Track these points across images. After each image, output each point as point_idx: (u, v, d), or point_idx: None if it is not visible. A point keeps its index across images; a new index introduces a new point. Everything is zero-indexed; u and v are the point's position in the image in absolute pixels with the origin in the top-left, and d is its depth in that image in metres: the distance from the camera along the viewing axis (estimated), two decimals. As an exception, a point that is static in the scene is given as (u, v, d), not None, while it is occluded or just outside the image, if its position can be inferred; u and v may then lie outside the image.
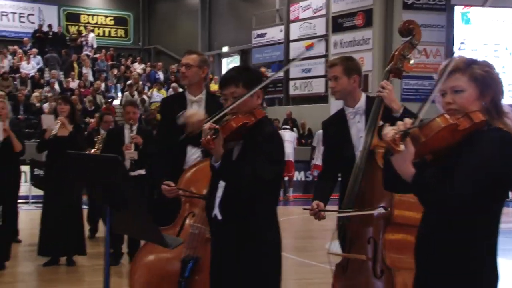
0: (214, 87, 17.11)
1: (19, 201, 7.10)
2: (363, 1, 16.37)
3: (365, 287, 3.20)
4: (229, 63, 21.68)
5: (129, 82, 17.90)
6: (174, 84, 17.77)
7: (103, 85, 18.44)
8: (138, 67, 20.42)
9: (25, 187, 10.49)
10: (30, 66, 18.60)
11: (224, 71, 20.62)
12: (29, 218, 9.31)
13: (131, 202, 2.19)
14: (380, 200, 3.11)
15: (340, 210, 3.38)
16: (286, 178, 13.73)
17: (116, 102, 17.87)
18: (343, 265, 3.40)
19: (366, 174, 3.24)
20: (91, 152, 7.24)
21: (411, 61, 3.44)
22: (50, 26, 21.17)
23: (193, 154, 3.85)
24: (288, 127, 15.71)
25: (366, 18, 16.30)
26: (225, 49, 21.46)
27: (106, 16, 24.07)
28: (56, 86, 17.63)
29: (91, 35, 21.38)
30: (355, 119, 3.46)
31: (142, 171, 6.48)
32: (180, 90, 12.26)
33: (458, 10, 15.93)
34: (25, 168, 10.11)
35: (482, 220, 2.15)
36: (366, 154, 3.27)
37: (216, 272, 2.76)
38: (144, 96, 17.25)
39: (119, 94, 18.82)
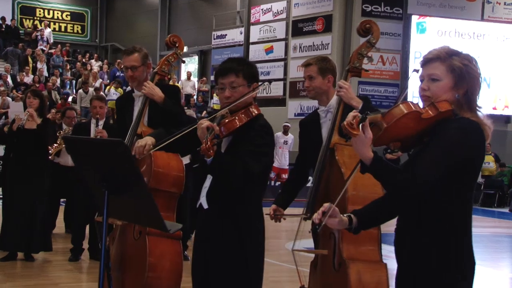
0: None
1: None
2: (323, 6, 16.60)
3: (331, 281, 3.27)
4: (187, 64, 21.55)
5: (80, 79, 17.59)
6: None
7: (58, 80, 18.06)
8: (94, 64, 20.10)
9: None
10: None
11: (182, 71, 20.54)
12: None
13: (135, 185, 2.17)
14: (337, 196, 3.18)
15: (289, 215, 3.53)
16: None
17: (71, 98, 17.53)
18: (315, 263, 3.48)
19: (326, 171, 3.32)
20: (54, 146, 7.11)
21: (371, 60, 3.52)
22: (3, 18, 20.60)
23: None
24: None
25: (326, 24, 16.53)
26: (184, 49, 21.34)
27: (63, 11, 23.61)
28: (9, 80, 17.17)
29: (47, 30, 20.93)
30: (327, 117, 3.52)
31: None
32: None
33: (414, 19, 16.34)
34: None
35: (455, 209, 2.17)
36: (326, 151, 3.34)
37: (201, 261, 2.76)
38: (101, 93, 16.98)
39: (74, 91, 18.48)
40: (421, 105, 2.26)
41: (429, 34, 16.42)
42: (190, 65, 21.07)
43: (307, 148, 3.64)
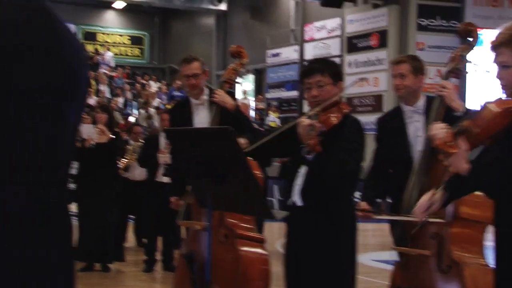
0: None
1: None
2: (378, 22, 16.51)
3: (428, 283, 3.18)
4: (243, 82, 21.76)
5: (140, 99, 18.00)
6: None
7: (120, 102, 18.54)
8: (153, 85, 20.56)
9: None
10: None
11: (238, 90, 20.73)
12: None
13: (241, 172, 2.18)
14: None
15: (388, 215, 3.42)
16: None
17: (132, 119, 17.93)
18: (402, 263, 3.39)
19: (430, 172, 3.25)
20: (124, 161, 7.30)
21: (468, 61, 3.52)
22: (68, 44, 21.32)
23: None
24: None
25: (381, 39, 16.40)
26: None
27: (123, 35, 24.29)
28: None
29: (109, 53, 21.56)
30: (413, 118, 3.47)
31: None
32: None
33: (471, 32, 16.03)
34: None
35: None
36: (427, 153, 3.27)
37: (293, 258, 2.76)
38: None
39: (135, 111, 18.91)
40: (503, 96, 2.20)
41: (486, 46, 16.07)
42: (246, 84, 21.25)
43: (389, 147, 3.57)
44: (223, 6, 20.59)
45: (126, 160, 7.44)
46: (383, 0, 16.29)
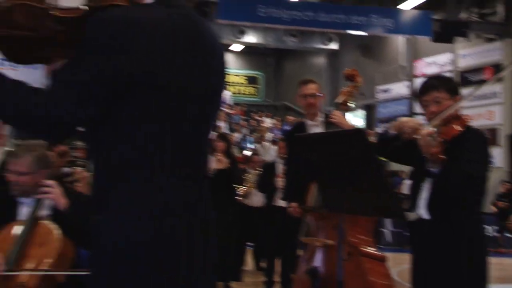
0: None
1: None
2: (492, 56, 15.82)
3: None
4: (353, 118, 21.60)
5: (256, 134, 18.37)
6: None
7: (238, 136, 19.05)
8: (268, 121, 20.95)
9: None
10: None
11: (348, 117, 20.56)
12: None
13: (374, 174, 2.15)
14: None
15: None
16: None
17: (248, 152, 18.31)
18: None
19: None
20: (244, 189, 7.49)
21: None
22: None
23: None
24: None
25: (495, 73, 15.67)
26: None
27: (239, 75, 25.09)
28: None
29: (227, 92, 22.33)
30: None
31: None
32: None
33: None
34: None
35: None
36: None
37: (421, 272, 2.67)
38: (272, 146, 17.59)
39: (250, 145, 19.32)
40: None
41: None
42: (357, 119, 21.06)
43: None
44: (334, 46, 20.69)
45: (246, 188, 7.62)
46: (497, 34, 15.63)
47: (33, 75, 1.90)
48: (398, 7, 16.82)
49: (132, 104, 1.43)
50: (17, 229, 2.82)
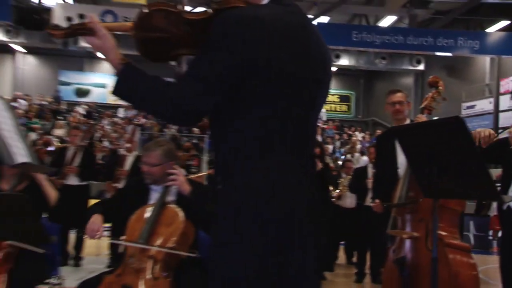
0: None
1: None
2: None
3: None
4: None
5: (347, 146, 18.12)
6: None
7: (330, 148, 18.91)
8: (358, 135, 20.62)
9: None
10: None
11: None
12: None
13: (472, 160, 2.04)
14: None
15: None
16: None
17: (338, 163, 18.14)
18: None
19: None
20: (338, 192, 7.44)
21: None
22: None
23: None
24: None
25: None
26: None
27: (333, 94, 24.93)
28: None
29: (322, 110, 22.24)
30: None
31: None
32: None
33: None
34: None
35: None
36: None
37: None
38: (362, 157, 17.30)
39: (342, 157, 19.10)
40: None
41: None
42: (442, 134, 20.20)
43: None
44: (421, 66, 19.99)
45: (339, 191, 7.57)
46: None
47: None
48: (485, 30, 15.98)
49: (249, 90, 1.49)
50: (149, 211, 3.01)
